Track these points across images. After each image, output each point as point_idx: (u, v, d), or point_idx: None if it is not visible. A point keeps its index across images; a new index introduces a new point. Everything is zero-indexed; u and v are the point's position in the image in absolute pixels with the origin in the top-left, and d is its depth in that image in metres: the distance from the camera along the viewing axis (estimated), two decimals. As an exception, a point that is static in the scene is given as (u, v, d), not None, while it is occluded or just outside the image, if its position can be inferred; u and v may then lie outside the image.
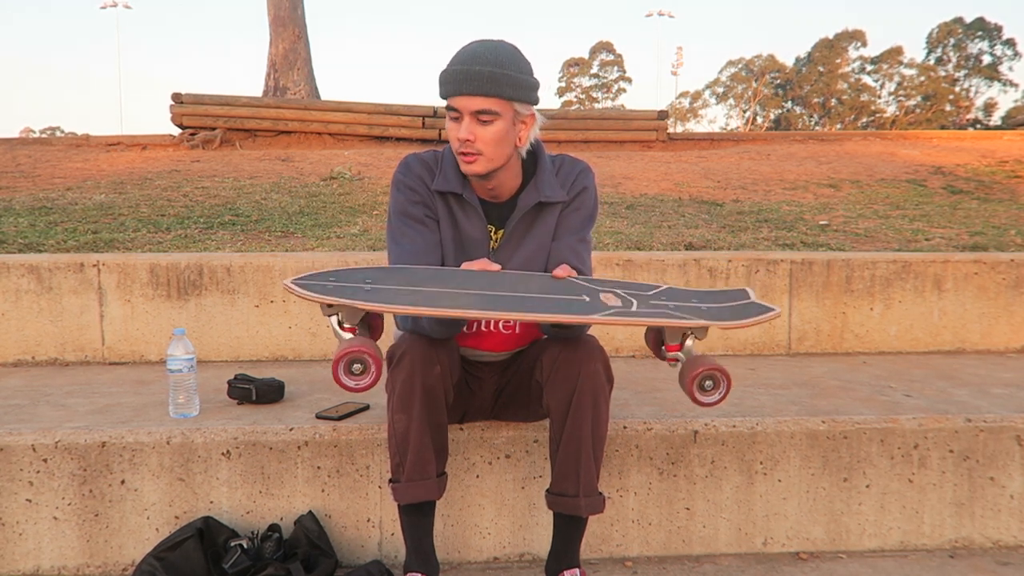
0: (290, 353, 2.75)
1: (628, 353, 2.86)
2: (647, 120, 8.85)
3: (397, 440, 1.64)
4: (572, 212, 1.73)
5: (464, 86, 1.56)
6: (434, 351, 1.62)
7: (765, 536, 2.01)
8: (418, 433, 1.62)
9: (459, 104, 1.58)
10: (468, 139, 1.58)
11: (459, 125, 1.59)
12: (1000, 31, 44.99)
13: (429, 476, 1.65)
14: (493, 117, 1.58)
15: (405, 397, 1.61)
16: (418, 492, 1.65)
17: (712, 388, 1.48)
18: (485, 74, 1.55)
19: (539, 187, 1.69)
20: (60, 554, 1.88)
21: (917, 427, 2.02)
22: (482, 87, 1.56)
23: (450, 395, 1.68)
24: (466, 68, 1.56)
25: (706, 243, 3.68)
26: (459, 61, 1.57)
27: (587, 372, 1.62)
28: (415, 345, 1.62)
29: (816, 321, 2.92)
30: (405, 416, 1.62)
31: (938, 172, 6.26)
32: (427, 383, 1.61)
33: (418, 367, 1.60)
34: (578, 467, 1.64)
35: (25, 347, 2.69)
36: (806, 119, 49.02)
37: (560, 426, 1.65)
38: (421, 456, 1.63)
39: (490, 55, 1.56)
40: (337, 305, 1.42)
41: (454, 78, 1.57)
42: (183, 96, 8.34)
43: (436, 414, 1.64)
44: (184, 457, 1.88)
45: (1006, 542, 2.06)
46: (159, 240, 3.55)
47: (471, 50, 1.58)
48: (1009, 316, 2.99)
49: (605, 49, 52.70)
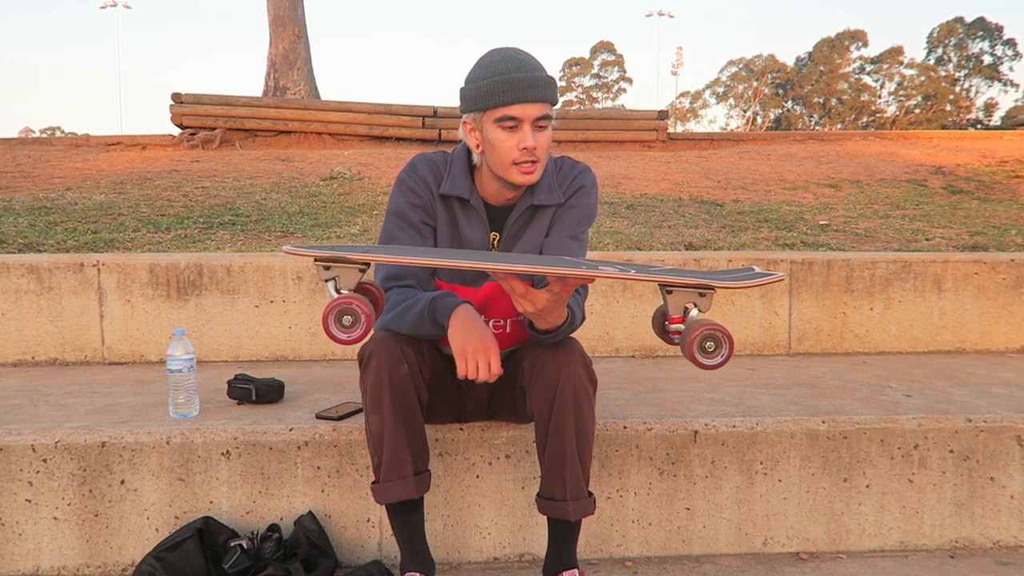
0: (290, 353, 2.75)
1: (628, 353, 2.86)
2: (647, 120, 8.85)
3: (373, 441, 1.65)
4: (567, 210, 1.73)
5: (529, 93, 1.56)
6: (400, 349, 1.61)
7: (765, 536, 2.01)
8: (392, 433, 1.62)
9: (521, 112, 1.57)
10: (535, 146, 1.58)
11: (516, 134, 1.59)
12: (1000, 31, 45.01)
13: (406, 475, 1.64)
14: (548, 123, 1.61)
15: (376, 398, 1.61)
16: (396, 491, 1.65)
17: (714, 350, 1.41)
18: (545, 80, 1.58)
19: (535, 191, 1.70)
20: (60, 554, 1.88)
21: (917, 427, 2.02)
22: (544, 94, 1.58)
23: (423, 392, 1.66)
24: (526, 76, 1.56)
25: (706, 243, 3.68)
26: (512, 69, 1.56)
27: (567, 375, 1.60)
28: (381, 345, 1.61)
29: (816, 321, 2.92)
30: (378, 417, 1.62)
31: (938, 172, 6.26)
32: (395, 382, 1.60)
33: (385, 367, 1.60)
34: (564, 471, 1.64)
35: (25, 347, 2.69)
36: (806, 119, 49.02)
37: (544, 430, 1.64)
38: (397, 456, 1.63)
39: (534, 61, 1.60)
40: (335, 267, 1.41)
41: (515, 86, 1.56)
42: (183, 96, 8.34)
43: (408, 413, 1.63)
44: (184, 457, 1.88)
45: (1006, 542, 2.06)
46: (159, 240, 3.55)
47: (513, 57, 1.58)
48: (1009, 316, 2.98)
49: (606, 49, 52.73)
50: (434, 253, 1.48)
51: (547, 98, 1.58)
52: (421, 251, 1.49)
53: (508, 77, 1.56)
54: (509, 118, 1.57)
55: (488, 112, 1.59)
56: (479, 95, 1.59)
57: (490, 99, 1.57)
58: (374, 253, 1.42)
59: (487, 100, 1.58)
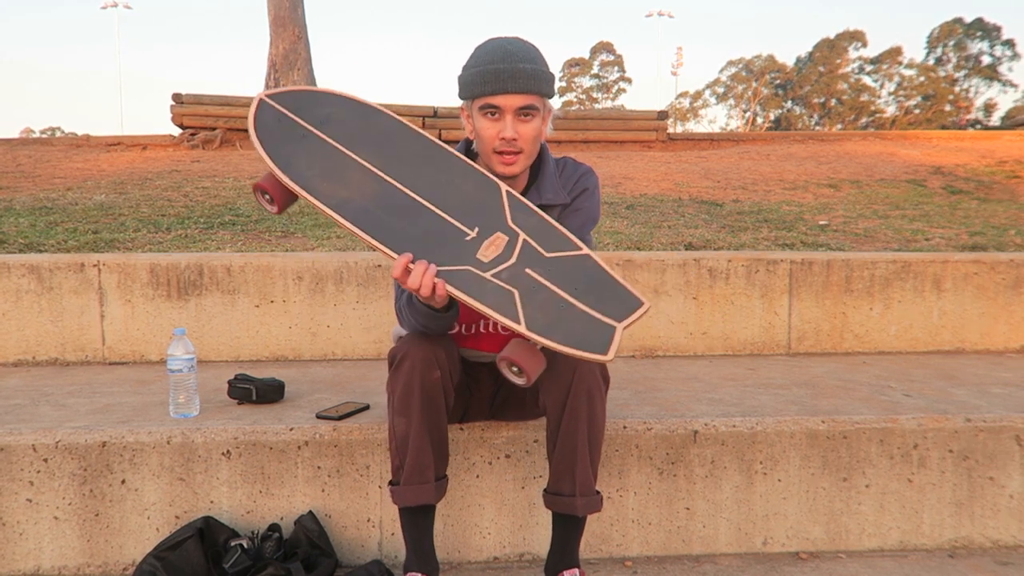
0: (290, 353, 2.75)
1: (628, 353, 2.86)
2: (647, 120, 8.86)
3: (397, 443, 1.65)
4: (572, 212, 1.73)
5: (509, 83, 1.56)
6: (434, 354, 1.61)
7: (765, 536, 2.01)
8: (417, 437, 1.62)
9: (502, 102, 1.58)
10: (514, 137, 1.59)
11: (498, 123, 1.60)
12: (1000, 31, 45.00)
13: (427, 480, 1.65)
14: (533, 114, 1.61)
15: (404, 400, 1.61)
16: (416, 495, 1.65)
17: (519, 373, 1.47)
18: (528, 71, 1.57)
19: (540, 190, 1.70)
20: (60, 554, 1.88)
21: (917, 427, 2.03)
22: (527, 84, 1.57)
23: (451, 398, 1.68)
24: (509, 66, 1.56)
25: (706, 243, 3.68)
26: (497, 59, 1.57)
27: (582, 371, 1.61)
28: (416, 348, 1.62)
29: (816, 321, 2.92)
30: (405, 420, 1.62)
31: (938, 172, 6.26)
32: (426, 387, 1.61)
33: (418, 371, 1.60)
34: (574, 467, 1.64)
35: (25, 347, 2.70)
36: (806, 119, 49.02)
37: (556, 425, 1.65)
38: (420, 460, 1.64)
39: (523, 52, 1.59)
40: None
41: (496, 76, 1.57)
42: (183, 96, 8.35)
43: (435, 418, 1.64)
44: (184, 457, 1.88)
45: (1006, 542, 2.06)
46: (159, 240, 3.55)
47: (502, 47, 1.59)
48: (1008, 316, 2.99)
49: (605, 49, 52.72)
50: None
51: (530, 89, 1.58)
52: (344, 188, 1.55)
53: (492, 68, 1.57)
54: (491, 107, 1.59)
55: (475, 100, 1.62)
56: (467, 83, 1.62)
57: (474, 88, 1.60)
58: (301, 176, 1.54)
59: (472, 89, 1.61)
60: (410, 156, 1.59)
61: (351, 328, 2.75)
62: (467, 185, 1.57)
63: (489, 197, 1.56)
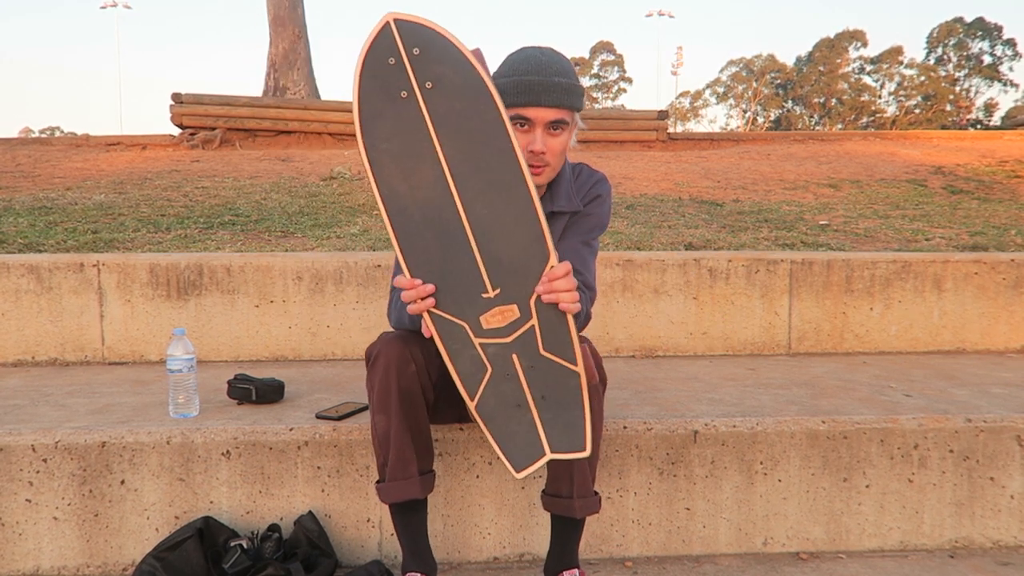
0: (290, 353, 2.75)
1: (628, 353, 2.86)
2: (647, 120, 8.86)
3: (379, 441, 1.66)
4: (583, 217, 1.74)
5: (543, 97, 1.55)
6: (408, 350, 1.62)
7: (765, 536, 2.01)
8: (397, 433, 1.63)
9: (534, 115, 1.57)
10: (543, 151, 1.58)
11: (528, 135, 1.58)
12: (1000, 31, 45.01)
13: (411, 475, 1.65)
14: (564, 128, 1.60)
15: (383, 397, 1.62)
16: (401, 491, 1.65)
17: None
18: (563, 85, 1.57)
19: (554, 197, 1.71)
20: (60, 554, 1.88)
21: (917, 427, 2.02)
22: (560, 98, 1.57)
23: (429, 393, 1.67)
24: (544, 79, 1.55)
25: (706, 243, 3.68)
26: (532, 71, 1.56)
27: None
28: (389, 345, 1.62)
29: (816, 321, 2.92)
30: (384, 417, 1.63)
31: (938, 172, 6.26)
32: (403, 383, 1.61)
33: (392, 367, 1.60)
34: (571, 468, 1.64)
35: (25, 347, 2.69)
36: (806, 119, 49.03)
37: None
38: (402, 455, 1.64)
39: (558, 65, 1.58)
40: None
41: (530, 88, 1.56)
42: (183, 96, 8.35)
43: (415, 412, 1.65)
44: (184, 457, 1.88)
45: (1006, 542, 2.06)
46: (159, 240, 3.55)
47: (536, 58, 1.58)
48: (1009, 316, 2.99)
49: (605, 49, 52.72)
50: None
51: (563, 103, 1.57)
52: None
53: (526, 79, 1.56)
54: (522, 118, 1.58)
55: (506, 110, 1.60)
56: (499, 92, 1.59)
57: (506, 97, 1.57)
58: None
59: (503, 98, 1.58)
60: (488, 170, 1.40)
61: (351, 328, 2.75)
62: (521, 237, 1.42)
63: (531, 263, 1.43)
